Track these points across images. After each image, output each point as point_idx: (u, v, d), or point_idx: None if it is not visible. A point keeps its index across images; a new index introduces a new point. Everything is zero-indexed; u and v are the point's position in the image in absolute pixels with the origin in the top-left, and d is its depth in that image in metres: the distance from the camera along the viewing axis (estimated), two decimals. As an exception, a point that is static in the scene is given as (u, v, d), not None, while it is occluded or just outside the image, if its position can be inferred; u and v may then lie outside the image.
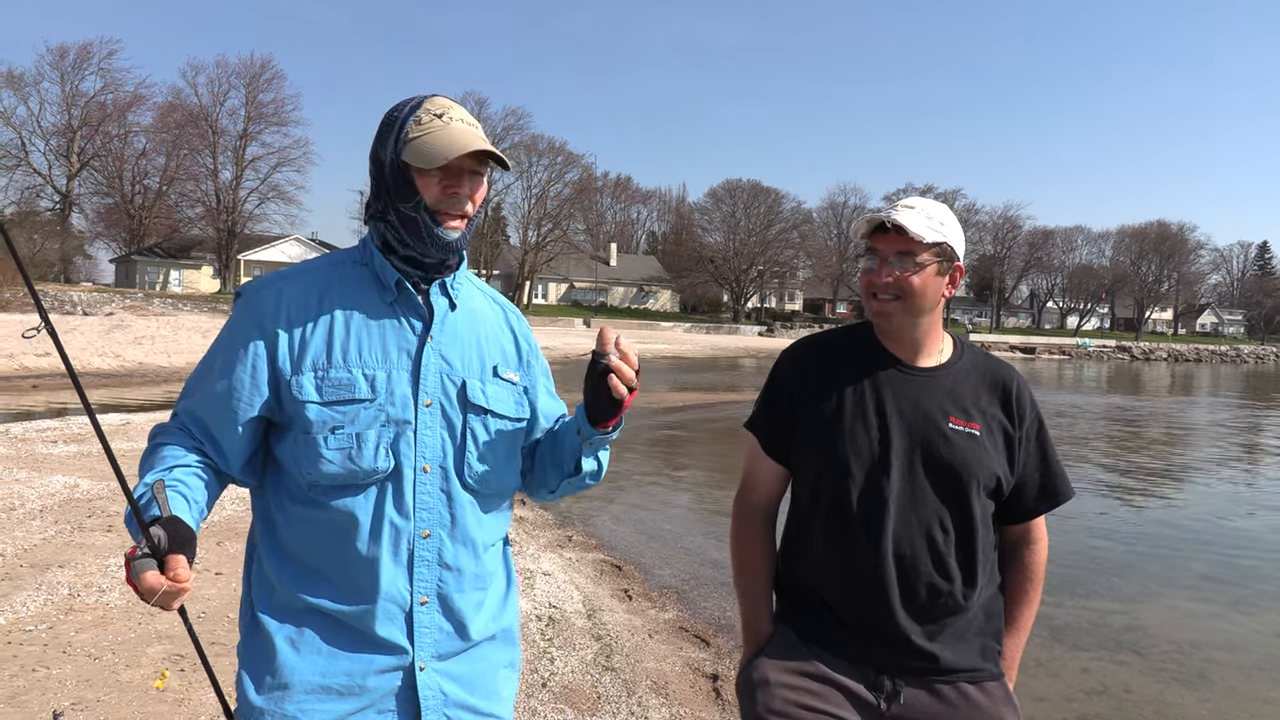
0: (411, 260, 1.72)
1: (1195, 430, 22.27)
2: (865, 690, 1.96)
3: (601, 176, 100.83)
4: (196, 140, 70.98)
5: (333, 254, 1.80)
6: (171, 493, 1.52)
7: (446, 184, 1.66)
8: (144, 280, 68.20)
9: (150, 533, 1.42)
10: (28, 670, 4.23)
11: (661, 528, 9.14)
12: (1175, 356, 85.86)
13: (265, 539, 1.71)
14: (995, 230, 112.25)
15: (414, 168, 1.65)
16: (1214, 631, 6.54)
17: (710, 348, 56.98)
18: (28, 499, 7.77)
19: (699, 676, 4.93)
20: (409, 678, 1.67)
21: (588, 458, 1.84)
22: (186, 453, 1.65)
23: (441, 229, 1.68)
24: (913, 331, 2.01)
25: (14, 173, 65.92)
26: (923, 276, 1.94)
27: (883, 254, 1.95)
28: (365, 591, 1.64)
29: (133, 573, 1.40)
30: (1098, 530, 9.73)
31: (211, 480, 1.66)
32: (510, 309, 1.96)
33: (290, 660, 1.63)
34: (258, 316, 1.67)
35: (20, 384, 19.76)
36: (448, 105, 1.70)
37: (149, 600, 1.39)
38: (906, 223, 1.91)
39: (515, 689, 1.89)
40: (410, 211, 1.67)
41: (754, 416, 2.17)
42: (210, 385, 1.67)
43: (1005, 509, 2.06)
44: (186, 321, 35.30)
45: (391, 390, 1.66)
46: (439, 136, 1.65)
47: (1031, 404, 2.07)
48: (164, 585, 1.39)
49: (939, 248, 1.95)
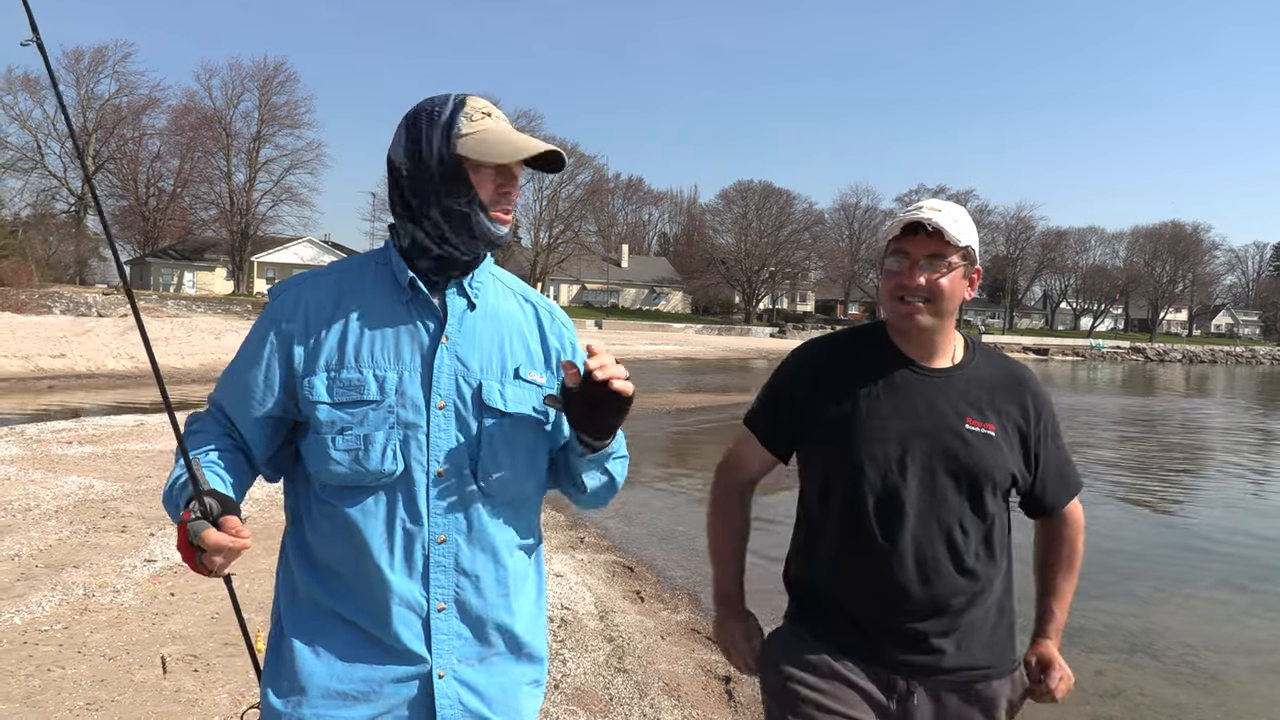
0: (442, 260, 1.70)
1: (1210, 432, 22.12)
2: (878, 691, 1.96)
3: (613, 178, 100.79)
4: (210, 143, 71.26)
5: (356, 256, 1.80)
6: (207, 471, 1.57)
7: (500, 182, 1.68)
8: (158, 282, 68.54)
9: (204, 500, 1.47)
10: (43, 670, 4.26)
11: (673, 529, 9.14)
12: (1190, 358, 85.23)
13: (293, 539, 1.72)
14: (1008, 231, 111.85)
15: (469, 163, 1.65)
16: (1229, 635, 6.48)
17: (722, 349, 56.91)
18: (43, 500, 7.82)
19: (711, 678, 4.91)
20: (426, 685, 1.65)
21: (589, 474, 1.78)
22: (217, 439, 1.68)
23: (495, 224, 1.69)
24: (931, 333, 1.99)
25: (30, 175, 66.45)
26: (952, 279, 1.93)
27: (913, 256, 1.93)
28: (380, 597, 1.63)
29: (190, 535, 1.44)
30: (1112, 532, 9.66)
31: (243, 464, 1.69)
32: (544, 306, 1.88)
33: (308, 664, 1.63)
34: (276, 317, 1.69)
35: (36, 385, 19.90)
36: (490, 104, 1.71)
37: (209, 563, 1.44)
38: (944, 225, 1.89)
39: (538, 707, 1.83)
40: (462, 207, 1.66)
41: (754, 413, 2.17)
42: (233, 380, 1.72)
43: (1032, 505, 2.11)
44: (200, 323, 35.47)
45: (402, 391, 1.64)
46: (500, 133, 1.66)
47: (1046, 402, 2.07)
48: (226, 542, 1.43)
49: (965, 250, 1.94)
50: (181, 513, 1.50)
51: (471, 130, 1.65)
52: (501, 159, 1.64)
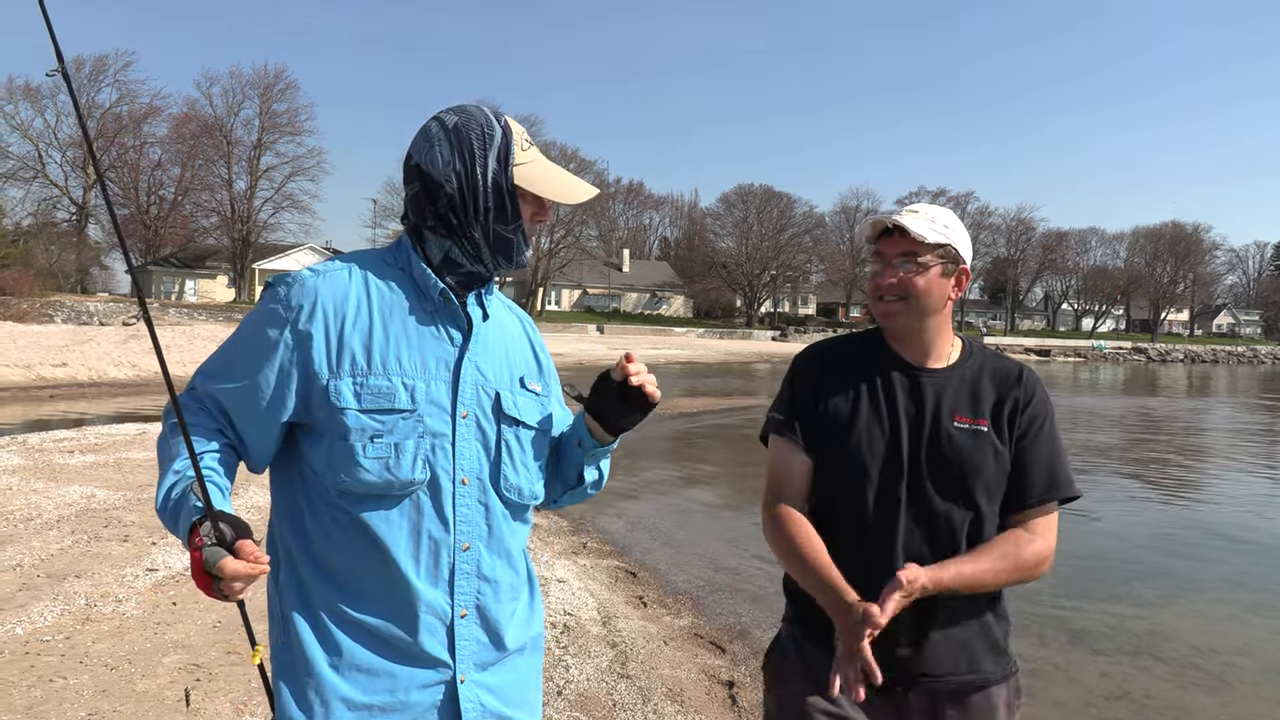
0: (471, 275, 1.73)
1: (1214, 432, 22.10)
2: (875, 696, 1.94)
3: (614, 182, 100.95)
4: (211, 150, 71.51)
5: (367, 253, 1.76)
6: (210, 486, 1.52)
7: (536, 210, 1.74)
8: (160, 290, 68.63)
9: (219, 526, 1.43)
10: (45, 681, 4.25)
11: (676, 534, 9.12)
12: (1192, 358, 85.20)
13: (298, 543, 1.65)
14: (1009, 232, 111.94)
15: (521, 193, 1.70)
16: (1235, 636, 6.46)
17: (724, 353, 56.92)
18: (45, 509, 7.82)
19: (714, 684, 4.90)
20: (450, 690, 1.66)
21: (590, 467, 1.87)
22: (211, 436, 1.61)
23: (528, 249, 1.75)
24: (921, 334, 2.01)
25: (31, 184, 66.64)
26: (927, 278, 1.95)
27: (887, 256, 1.98)
28: (407, 606, 1.62)
29: (207, 565, 1.40)
30: (1117, 533, 9.65)
31: (234, 465, 1.66)
32: (525, 318, 1.96)
33: (330, 678, 1.60)
34: (289, 313, 1.62)
35: (38, 394, 19.91)
36: (524, 130, 1.76)
37: (228, 589, 1.40)
38: (909, 224, 1.94)
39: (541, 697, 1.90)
40: (508, 233, 1.71)
41: (779, 421, 2.11)
42: (236, 378, 1.63)
43: (1008, 499, 1.98)
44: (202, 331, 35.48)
45: (431, 401, 1.64)
46: (554, 170, 1.75)
47: (1040, 396, 2.04)
48: (245, 570, 1.40)
49: (943, 249, 1.96)
50: (191, 536, 1.45)
51: (526, 160, 1.71)
52: (560, 198, 1.73)
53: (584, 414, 1.83)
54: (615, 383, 1.76)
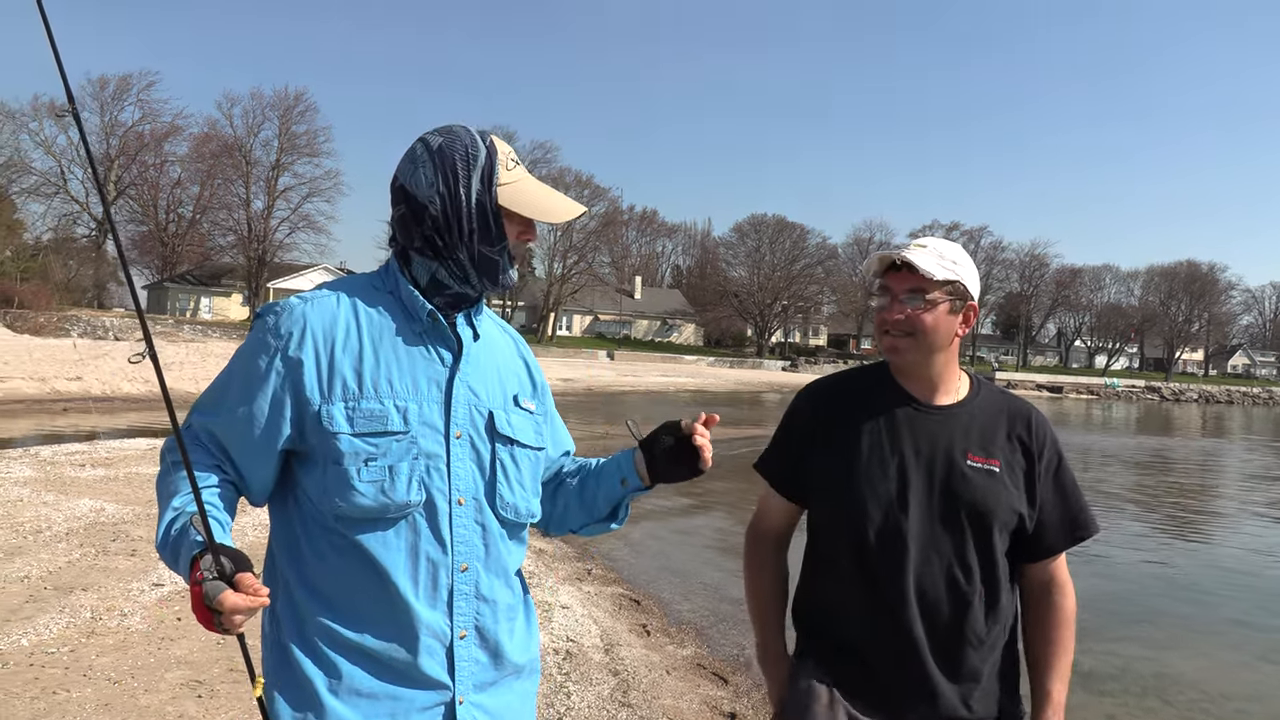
0: (458, 296, 1.73)
1: (1227, 473, 21.92)
2: None
3: (628, 210, 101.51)
4: (230, 170, 72.15)
5: (354, 278, 1.77)
6: (210, 520, 1.51)
7: (523, 229, 1.73)
8: (175, 307, 69.20)
9: (220, 560, 1.42)
10: (48, 693, 4.26)
11: (681, 562, 9.09)
12: (1206, 398, 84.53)
13: (294, 571, 1.65)
14: (1022, 268, 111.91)
15: (507, 213, 1.69)
16: (1244, 681, 6.39)
17: (734, 382, 56.84)
18: (55, 522, 7.86)
19: (716, 715, 4.87)
20: (449, 712, 1.66)
21: (624, 507, 1.90)
22: (210, 471, 1.62)
23: (515, 270, 1.75)
24: (928, 369, 2.01)
25: (53, 200, 67.50)
26: (935, 314, 1.95)
27: (895, 291, 1.98)
28: (406, 628, 1.62)
29: (206, 599, 1.39)
30: (1126, 575, 9.56)
31: (234, 500, 1.65)
32: (518, 337, 1.96)
33: (330, 703, 1.59)
34: (279, 342, 1.62)
35: (52, 407, 20.03)
36: (510, 150, 1.75)
37: (228, 623, 1.39)
38: (916, 260, 1.92)
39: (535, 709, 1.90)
40: (494, 255, 1.70)
41: (764, 457, 2.18)
42: (230, 409, 1.63)
43: (1028, 545, 2.01)
44: (215, 348, 35.68)
45: (424, 423, 1.64)
46: (537, 189, 1.74)
47: (1050, 439, 2.05)
48: (245, 603, 1.39)
49: (951, 285, 1.96)
50: (192, 570, 1.44)
51: (510, 180, 1.70)
52: (543, 217, 1.71)
53: (634, 452, 1.84)
54: (680, 434, 1.78)
